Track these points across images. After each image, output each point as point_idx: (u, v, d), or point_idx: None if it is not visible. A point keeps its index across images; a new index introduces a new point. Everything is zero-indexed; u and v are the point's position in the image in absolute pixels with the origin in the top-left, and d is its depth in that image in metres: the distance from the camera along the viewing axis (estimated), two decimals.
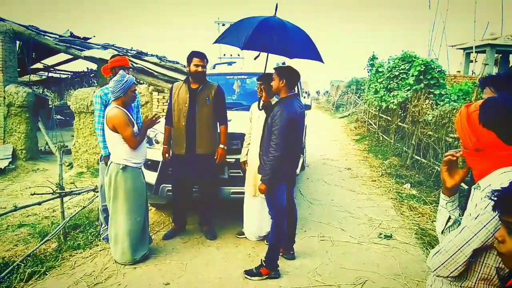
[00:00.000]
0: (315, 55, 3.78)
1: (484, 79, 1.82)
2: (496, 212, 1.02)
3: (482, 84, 1.68)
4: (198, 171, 4.04)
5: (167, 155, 4.16)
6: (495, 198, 1.01)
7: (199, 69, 3.99)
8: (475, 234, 1.29)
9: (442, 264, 1.39)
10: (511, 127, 1.29)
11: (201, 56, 4.03)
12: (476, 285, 1.38)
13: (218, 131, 4.18)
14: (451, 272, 1.38)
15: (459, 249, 1.34)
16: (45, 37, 9.97)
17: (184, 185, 4.21)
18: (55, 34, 10.75)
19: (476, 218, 1.30)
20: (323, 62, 3.80)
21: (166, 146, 4.17)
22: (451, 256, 1.36)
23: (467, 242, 1.32)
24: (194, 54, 4.03)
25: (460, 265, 1.35)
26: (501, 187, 1.02)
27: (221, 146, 4.11)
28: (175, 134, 4.11)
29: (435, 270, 1.43)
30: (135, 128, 3.57)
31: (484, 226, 1.27)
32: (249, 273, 3.44)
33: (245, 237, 4.24)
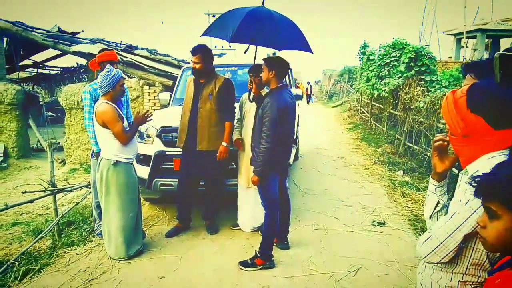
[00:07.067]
0: (304, 46, 3.75)
1: (466, 66, 1.83)
2: (479, 197, 1.03)
3: (464, 70, 1.68)
4: (200, 167, 3.98)
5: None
6: (475, 184, 1.02)
7: (192, 65, 3.92)
8: (466, 220, 1.29)
9: (432, 250, 1.39)
10: (499, 111, 1.29)
11: (194, 52, 3.88)
12: (468, 270, 1.38)
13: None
14: (442, 258, 1.38)
15: (449, 235, 1.33)
16: (33, 32, 9.82)
17: (188, 180, 4.12)
18: (43, 29, 10.59)
19: (466, 204, 1.30)
20: (312, 52, 3.78)
21: None
22: (441, 242, 1.36)
23: (457, 228, 1.31)
24: (190, 51, 3.94)
25: (450, 251, 1.35)
26: (482, 173, 1.02)
27: (224, 144, 3.93)
28: (179, 127, 4.06)
29: (425, 256, 1.42)
30: (125, 123, 3.53)
31: (475, 211, 1.27)
32: (244, 264, 3.46)
33: (240, 229, 4.26)
